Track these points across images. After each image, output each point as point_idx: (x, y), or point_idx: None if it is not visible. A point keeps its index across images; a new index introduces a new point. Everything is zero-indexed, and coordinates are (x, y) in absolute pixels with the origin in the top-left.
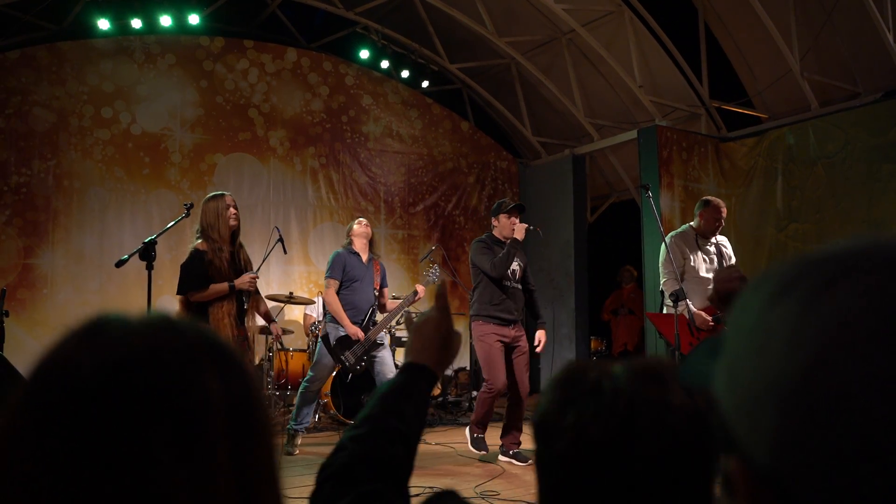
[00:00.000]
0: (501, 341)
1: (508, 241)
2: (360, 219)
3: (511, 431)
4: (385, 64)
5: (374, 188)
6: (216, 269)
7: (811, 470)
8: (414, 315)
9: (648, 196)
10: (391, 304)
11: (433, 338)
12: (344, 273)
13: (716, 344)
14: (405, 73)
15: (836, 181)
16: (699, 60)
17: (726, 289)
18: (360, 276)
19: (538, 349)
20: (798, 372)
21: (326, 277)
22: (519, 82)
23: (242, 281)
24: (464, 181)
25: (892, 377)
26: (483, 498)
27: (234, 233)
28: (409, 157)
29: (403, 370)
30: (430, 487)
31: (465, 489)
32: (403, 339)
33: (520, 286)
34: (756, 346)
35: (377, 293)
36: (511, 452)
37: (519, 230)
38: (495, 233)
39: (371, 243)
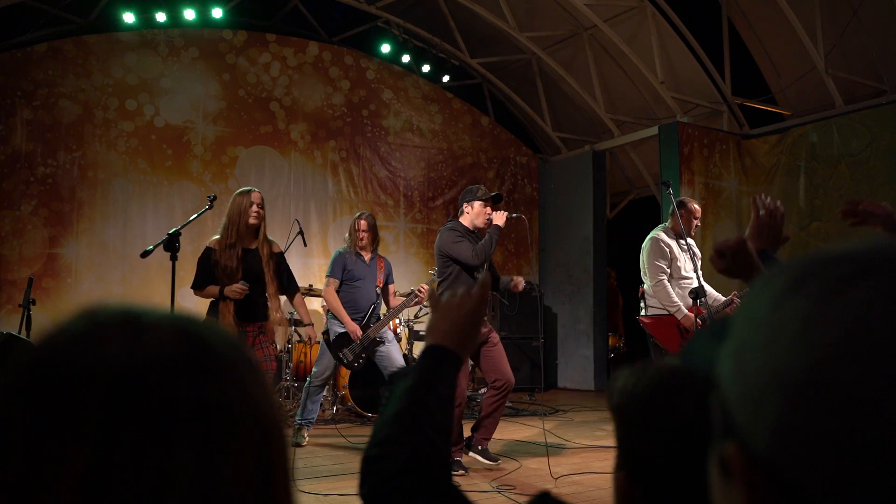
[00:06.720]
0: None
1: (490, 228)
2: (361, 221)
3: (484, 425)
4: (406, 58)
5: (393, 182)
6: (222, 269)
7: (809, 461)
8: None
9: (669, 193)
10: (395, 301)
11: (459, 321)
12: (344, 272)
13: (721, 328)
14: (426, 68)
15: (860, 180)
16: (722, 56)
17: (722, 245)
18: (363, 275)
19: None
20: (805, 368)
21: (326, 276)
22: (539, 77)
23: (231, 289)
24: (483, 176)
25: None
26: (499, 492)
27: (257, 229)
28: (429, 151)
29: (429, 354)
30: None
31: (481, 483)
32: (422, 333)
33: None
34: (765, 339)
35: (379, 290)
36: (480, 448)
37: (499, 217)
38: (463, 220)
39: (375, 241)
